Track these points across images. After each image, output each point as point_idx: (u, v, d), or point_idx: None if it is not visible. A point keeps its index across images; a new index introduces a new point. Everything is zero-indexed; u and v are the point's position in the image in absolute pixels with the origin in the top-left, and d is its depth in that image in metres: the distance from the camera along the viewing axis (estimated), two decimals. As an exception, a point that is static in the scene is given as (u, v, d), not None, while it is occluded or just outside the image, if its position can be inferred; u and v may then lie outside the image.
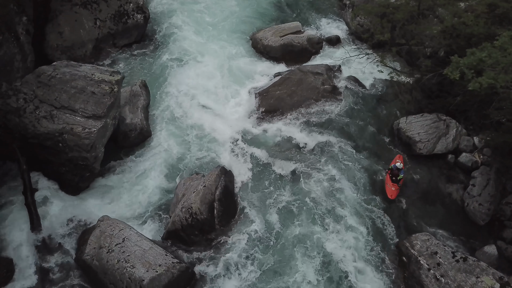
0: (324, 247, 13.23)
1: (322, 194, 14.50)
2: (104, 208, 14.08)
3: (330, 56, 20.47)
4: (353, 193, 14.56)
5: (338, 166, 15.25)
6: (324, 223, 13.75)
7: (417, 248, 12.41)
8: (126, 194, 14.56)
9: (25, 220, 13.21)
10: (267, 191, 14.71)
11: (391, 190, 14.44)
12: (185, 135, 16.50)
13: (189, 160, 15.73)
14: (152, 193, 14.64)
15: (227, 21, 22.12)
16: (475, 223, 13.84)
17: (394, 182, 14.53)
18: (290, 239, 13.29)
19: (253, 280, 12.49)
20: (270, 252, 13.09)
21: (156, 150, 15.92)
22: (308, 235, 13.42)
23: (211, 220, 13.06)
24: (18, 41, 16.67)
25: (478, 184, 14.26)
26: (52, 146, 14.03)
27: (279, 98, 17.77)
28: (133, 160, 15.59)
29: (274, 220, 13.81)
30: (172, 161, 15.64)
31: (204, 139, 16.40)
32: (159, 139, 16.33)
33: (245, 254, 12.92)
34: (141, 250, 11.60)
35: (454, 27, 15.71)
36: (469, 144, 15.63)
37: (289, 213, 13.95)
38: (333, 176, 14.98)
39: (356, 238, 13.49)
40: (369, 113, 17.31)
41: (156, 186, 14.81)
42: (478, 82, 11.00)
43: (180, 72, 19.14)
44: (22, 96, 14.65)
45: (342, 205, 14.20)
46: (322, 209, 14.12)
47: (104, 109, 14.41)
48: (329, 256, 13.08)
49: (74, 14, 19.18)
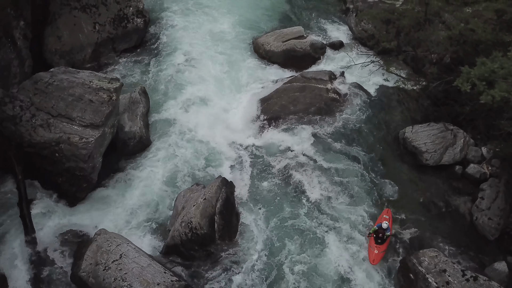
0: (327, 262, 12.83)
1: (325, 206, 14.10)
2: (102, 219, 13.68)
3: (334, 61, 20.10)
4: (357, 206, 14.14)
5: (341, 177, 14.83)
6: (327, 237, 13.34)
7: (425, 265, 11.98)
8: (124, 205, 14.15)
9: (20, 232, 12.83)
10: (268, 202, 14.29)
11: (373, 254, 12.66)
12: (185, 144, 16.09)
13: (189, 170, 15.33)
14: (151, 204, 14.24)
15: (229, 26, 21.74)
16: (484, 237, 13.41)
17: (379, 244, 12.76)
18: (292, 254, 12.88)
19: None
20: (273, 267, 12.67)
21: (156, 159, 15.52)
22: (310, 250, 13.02)
23: (212, 235, 12.65)
24: (15, 46, 16.33)
25: (487, 197, 13.84)
26: (49, 155, 13.67)
27: (281, 106, 17.37)
28: (132, 170, 15.18)
29: (276, 233, 13.40)
30: (172, 170, 15.23)
31: (205, 148, 16.00)
32: (158, 147, 15.94)
33: (246, 270, 12.51)
34: (139, 268, 11.18)
35: (461, 34, 15.31)
36: (477, 154, 15.21)
37: (291, 226, 13.54)
38: (336, 188, 14.58)
39: (361, 254, 13.06)
40: (374, 121, 16.89)
41: (155, 197, 14.42)
42: (491, 94, 10.59)
43: (180, 77, 18.75)
44: (18, 104, 14.29)
45: (346, 218, 13.79)
46: (324, 222, 13.72)
47: (102, 117, 14.02)
48: (332, 271, 12.68)
49: (73, 18, 18.81)
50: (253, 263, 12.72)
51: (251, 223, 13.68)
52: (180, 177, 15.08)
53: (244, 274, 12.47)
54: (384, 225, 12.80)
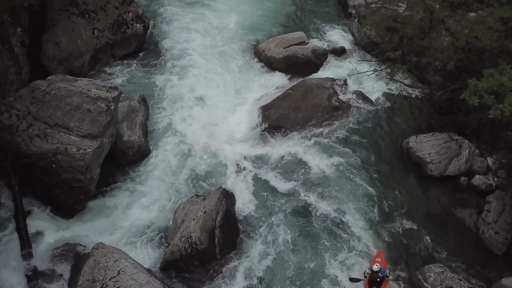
0: (330, 277, 12.53)
1: (327, 219, 13.78)
2: (100, 232, 13.40)
3: (336, 68, 19.82)
4: (360, 220, 13.81)
5: (344, 190, 14.51)
6: (330, 252, 13.02)
7: (430, 281, 11.70)
8: (122, 217, 13.87)
9: (16, 246, 12.52)
10: (269, 215, 13.99)
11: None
12: (185, 153, 15.81)
13: (189, 180, 15.05)
14: (150, 216, 13.96)
15: (229, 31, 21.48)
16: (491, 252, 13.12)
17: None
18: (294, 270, 12.57)
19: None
20: (274, 282, 12.38)
21: (155, 169, 15.23)
22: (313, 265, 12.72)
23: (212, 250, 12.35)
24: (12, 53, 16.03)
25: (493, 210, 13.55)
26: (46, 166, 13.37)
27: (283, 114, 17.08)
28: (130, 180, 14.89)
29: (278, 247, 13.09)
30: (171, 181, 14.95)
31: (205, 158, 15.70)
32: (158, 157, 15.65)
33: (247, 285, 12.21)
34: (137, 285, 10.87)
35: (466, 42, 15.02)
36: (483, 165, 14.93)
37: (293, 241, 13.23)
38: (338, 199, 14.27)
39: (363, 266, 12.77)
40: (377, 130, 16.59)
41: (154, 209, 14.13)
42: (500, 109, 10.29)
43: (180, 84, 18.47)
44: (15, 113, 14.00)
45: (349, 232, 13.46)
46: (327, 236, 13.42)
47: (100, 128, 13.72)
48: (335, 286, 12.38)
49: (71, 24, 18.50)
50: (255, 278, 12.41)
51: (252, 235, 13.38)
52: (179, 187, 14.80)
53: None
54: (375, 267, 11.71)
